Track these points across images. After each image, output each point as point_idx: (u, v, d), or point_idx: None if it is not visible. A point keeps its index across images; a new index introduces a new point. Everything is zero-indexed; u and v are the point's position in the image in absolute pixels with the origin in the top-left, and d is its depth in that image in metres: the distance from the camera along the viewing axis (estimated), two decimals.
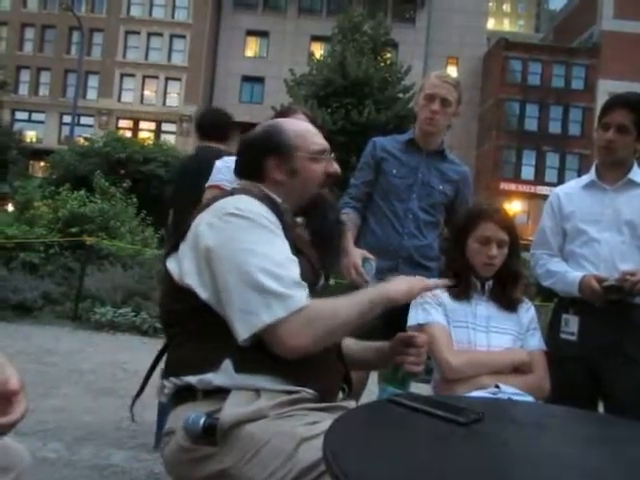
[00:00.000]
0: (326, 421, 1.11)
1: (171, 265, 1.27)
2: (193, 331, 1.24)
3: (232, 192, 1.35)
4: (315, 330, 1.17)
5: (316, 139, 1.41)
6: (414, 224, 2.44)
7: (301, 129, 1.42)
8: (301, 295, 1.18)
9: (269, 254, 1.19)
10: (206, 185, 2.48)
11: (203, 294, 1.20)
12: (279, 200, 1.34)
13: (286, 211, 1.33)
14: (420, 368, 1.40)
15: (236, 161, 1.44)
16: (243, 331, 1.15)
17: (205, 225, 1.23)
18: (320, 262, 1.35)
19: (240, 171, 1.42)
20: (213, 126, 3.27)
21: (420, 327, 1.86)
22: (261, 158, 1.36)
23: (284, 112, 2.45)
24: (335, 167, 1.42)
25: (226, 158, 2.56)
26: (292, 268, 1.21)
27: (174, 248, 1.28)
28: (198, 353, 1.21)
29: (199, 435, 1.13)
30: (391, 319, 1.54)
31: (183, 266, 1.23)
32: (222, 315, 1.19)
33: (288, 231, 1.27)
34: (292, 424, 1.11)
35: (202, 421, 1.12)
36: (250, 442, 1.09)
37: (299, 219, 1.40)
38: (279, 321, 1.14)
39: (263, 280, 1.16)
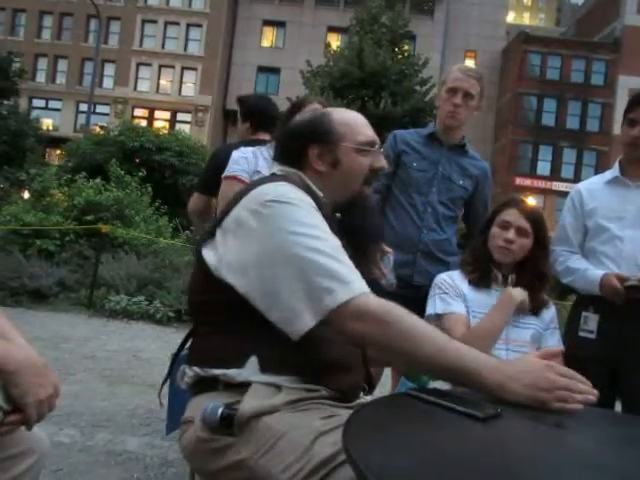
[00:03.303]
0: (343, 416, 1.08)
1: (207, 254, 1.21)
2: (221, 324, 1.20)
3: (272, 177, 1.29)
4: (379, 329, 1.09)
5: (364, 130, 1.33)
6: (433, 218, 2.42)
7: (349, 118, 1.34)
8: (360, 279, 1.13)
9: (322, 237, 1.14)
10: (222, 176, 2.46)
11: (242, 288, 1.14)
12: (319, 193, 1.28)
13: (325, 205, 1.26)
14: None
15: (276, 147, 1.39)
16: (309, 319, 1.09)
17: (248, 213, 1.17)
18: (354, 263, 1.29)
19: (280, 157, 1.35)
20: (271, 117, 2.87)
21: (438, 317, 1.86)
22: (303, 145, 1.29)
23: (300, 103, 2.43)
24: (382, 162, 1.34)
25: (242, 149, 2.53)
26: (344, 253, 1.16)
27: (210, 236, 1.23)
28: (224, 347, 1.18)
29: (217, 425, 1.12)
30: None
31: (222, 257, 1.18)
32: (263, 309, 1.14)
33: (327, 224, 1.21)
34: (310, 417, 1.10)
35: (220, 411, 1.11)
36: (267, 434, 1.08)
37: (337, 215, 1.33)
38: (343, 304, 1.09)
39: (322, 263, 1.10)
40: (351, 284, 1.10)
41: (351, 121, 1.34)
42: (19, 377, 1.01)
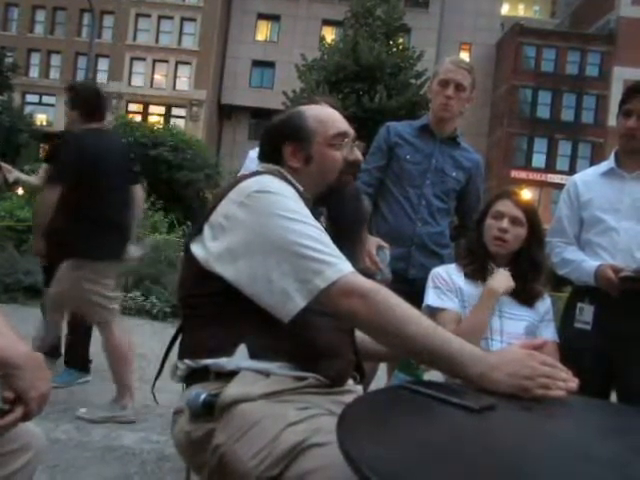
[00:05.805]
0: (319, 407, 1.12)
1: (196, 249, 1.24)
2: (211, 315, 1.23)
3: (255, 173, 1.33)
4: (368, 306, 1.12)
5: (336, 123, 1.35)
6: (427, 210, 2.42)
7: (322, 114, 1.37)
8: (346, 261, 1.17)
9: (306, 222, 1.18)
10: (238, 175, 2.48)
11: (232, 276, 1.17)
12: (300, 187, 1.31)
13: (307, 199, 1.30)
14: None
15: (259, 147, 1.44)
16: (299, 300, 1.13)
17: (234, 205, 1.21)
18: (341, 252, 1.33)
19: (262, 156, 1.41)
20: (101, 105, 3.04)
21: (430, 311, 1.86)
22: (279, 144, 1.34)
23: (307, 104, 2.43)
24: (356, 154, 1.37)
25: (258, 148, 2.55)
26: (328, 237, 1.20)
27: (198, 231, 1.26)
28: (214, 337, 1.20)
29: (199, 411, 1.14)
30: None
31: (210, 250, 1.20)
32: (253, 295, 1.16)
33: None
34: (285, 408, 1.11)
35: (202, 398, 1.14)
36: (242, 421, 1.10)
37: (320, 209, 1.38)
38: (333, 284, 1.13)
39: (309, 245, 1.14)
40: (338, 264, 1.15)
41: (323, 117, 1.36)
42: (25, 371, 1.01)
